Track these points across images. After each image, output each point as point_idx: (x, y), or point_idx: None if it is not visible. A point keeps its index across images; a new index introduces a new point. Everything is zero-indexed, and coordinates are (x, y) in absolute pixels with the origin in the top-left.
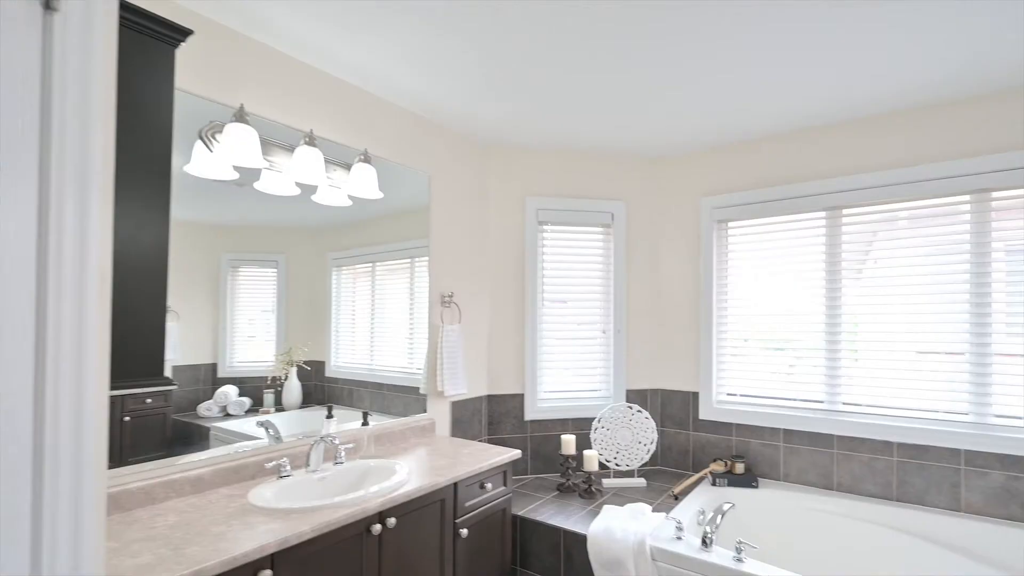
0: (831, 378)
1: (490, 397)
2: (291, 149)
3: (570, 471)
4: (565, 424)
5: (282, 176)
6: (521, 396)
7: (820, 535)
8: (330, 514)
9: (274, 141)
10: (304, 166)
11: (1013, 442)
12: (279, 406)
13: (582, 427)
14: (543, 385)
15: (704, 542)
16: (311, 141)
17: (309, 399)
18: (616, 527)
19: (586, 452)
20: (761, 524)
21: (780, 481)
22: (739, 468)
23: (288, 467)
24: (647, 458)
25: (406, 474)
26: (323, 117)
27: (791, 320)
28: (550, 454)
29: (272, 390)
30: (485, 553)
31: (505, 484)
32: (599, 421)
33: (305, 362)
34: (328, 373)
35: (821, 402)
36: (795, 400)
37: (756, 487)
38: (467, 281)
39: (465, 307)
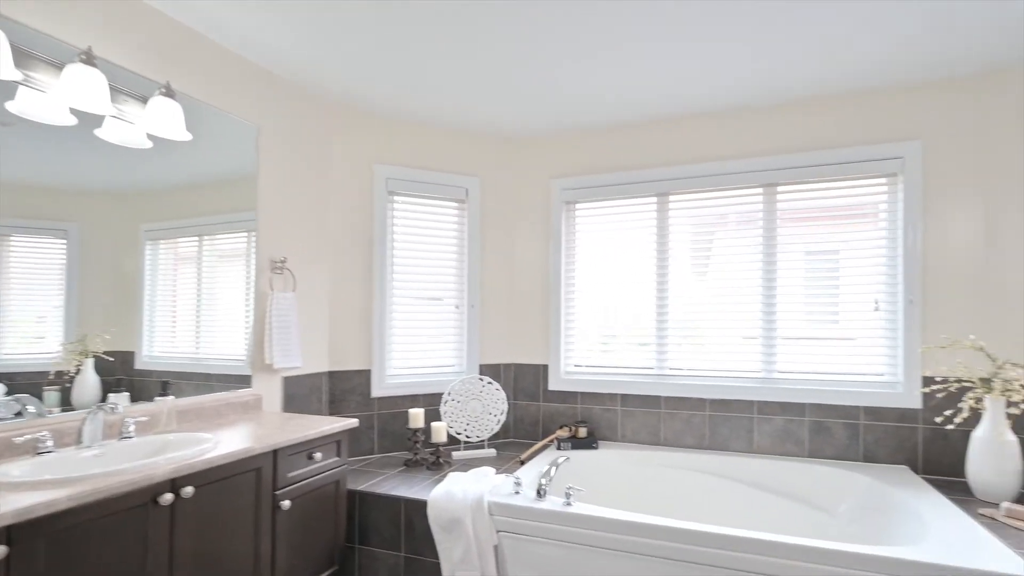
0: (660, 346)
1: (332, 373)
2: (62, 67)
3: (418, 445)
4: (416, 400)
5: (47, 97)
6: (368, 372)
7: (648, 483)
8: (99, 482)
9: (36, 53)
10: (78, 87)
11: (789, 392)
12: (67, 406)
13: (433, 402)
14: (392, 361)
15: (539, 493)
16: (89, 60)
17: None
18: (457, 490)
19: (434, 424)
20: (601, 480)
21: (618, 442)
22: (582, 432)
23: (50, 443)
24: (497, 428)
25: (214, 443)
26: (109, 37)
27: (629, 295)
28: (399, 432)
29: (57, 387)
30: (314, 529)
31: (339, 455)
32: (449, 394)
33: (107, 352)
34: (139, 365)
35: (652, 368)
36: (631, 368)
37: (596, 448)
38: (304, 247)
39: (301, 274)
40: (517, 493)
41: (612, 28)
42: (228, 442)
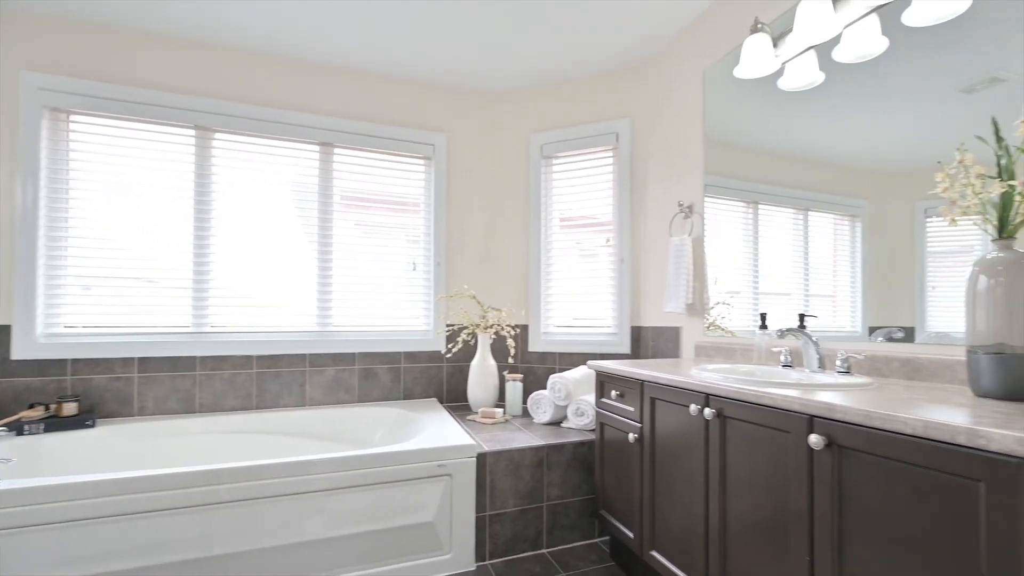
0: (198, 302)
1: None
2: None
3: None
4: None
5: None
6: None
7: (168, 456)
8: None
9: None
10: None
11: (341, 343)
12: None
13: None
14: None
15: None
16: None
17: None
18: None
19: None
20: (92, 464)
21: (135, 416)
22: (69, 409)
23: None
24: None
25: None
26: None
27: (154, 242)
28: None
29: None
30: None
31: None
32: None
33: None
34: None
35: (187, 327)
36: (156, 327)
37: (92, 426)
38: None
39: None
40: None
41: None
42: None
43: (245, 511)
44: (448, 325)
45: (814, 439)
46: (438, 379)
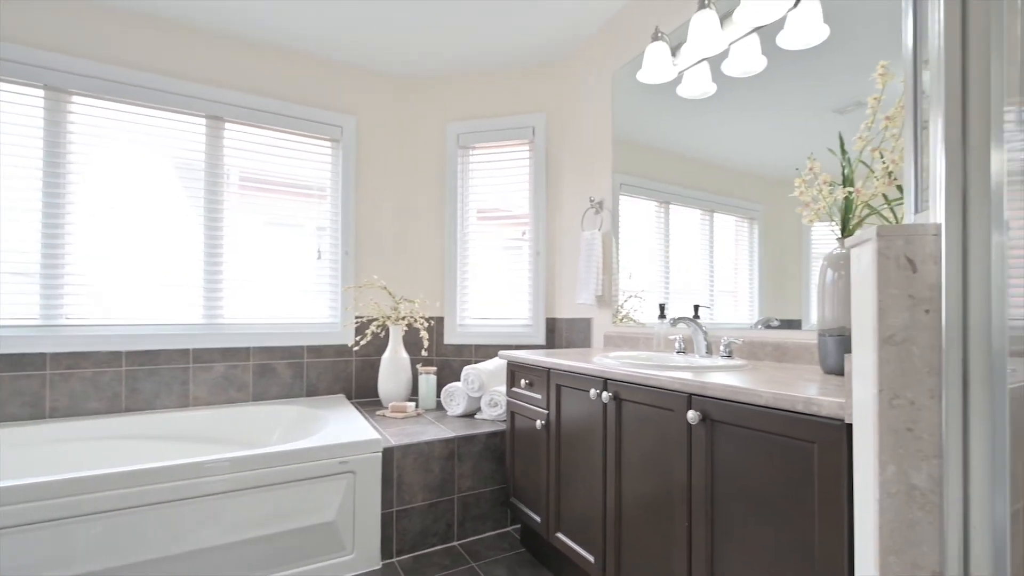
0: (49, 290)
1: None
2: None
3: None
4: None
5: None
6: None
7: (20, 469)
8: None
9: None
10: None
11: (231, 337)
12: None
13: None
14: None
15: None
16: None
17: None
18: None
19: None
20: None
21: None
22: None
23: None
24: None
25: None
26: None
27: None
28: None
29: None
30: None
31: None
32: None
33: None
34: None
35: (34, 319)
36: None
37: None
38: None
39: None
40: None
41: None
42: None
43: (117, 522)
44: (357, 317)
45: (691, 415)
46: (346, 374)
